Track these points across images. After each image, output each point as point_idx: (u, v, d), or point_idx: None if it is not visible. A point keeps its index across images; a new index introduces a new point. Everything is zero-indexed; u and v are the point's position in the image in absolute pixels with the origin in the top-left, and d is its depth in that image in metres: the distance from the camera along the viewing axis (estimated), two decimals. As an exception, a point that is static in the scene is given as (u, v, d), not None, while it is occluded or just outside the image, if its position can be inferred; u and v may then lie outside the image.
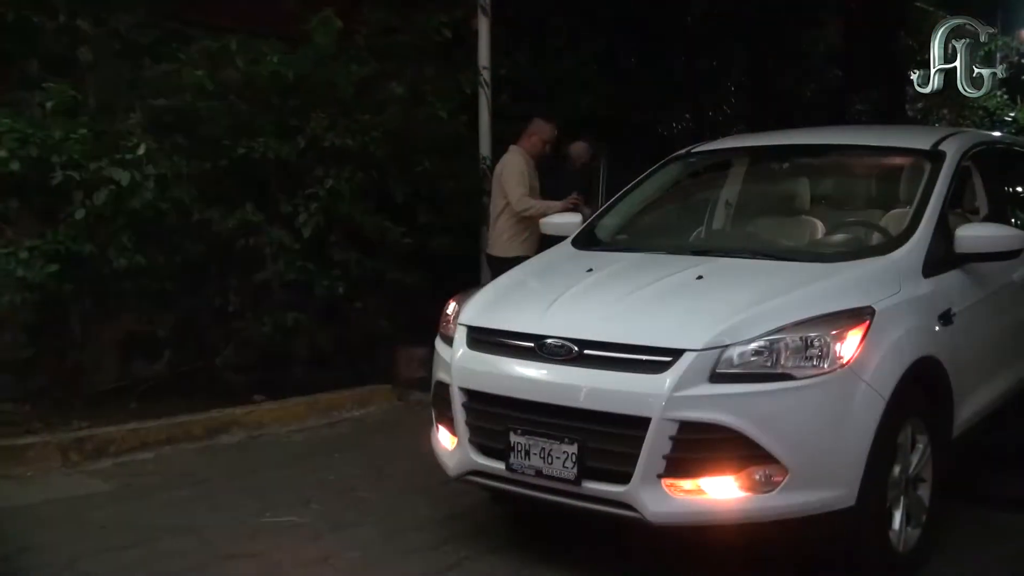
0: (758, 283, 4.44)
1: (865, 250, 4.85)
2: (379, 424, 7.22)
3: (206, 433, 6.59)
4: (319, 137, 7.22)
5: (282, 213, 7.17)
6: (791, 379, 3.94)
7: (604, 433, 4.04)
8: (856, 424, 4.00)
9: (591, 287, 4.63)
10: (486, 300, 4.82)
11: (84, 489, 5.62)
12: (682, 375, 3.93)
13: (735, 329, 4.01)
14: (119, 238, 6.38)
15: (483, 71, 8.64)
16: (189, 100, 7.08)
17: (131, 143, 6.44)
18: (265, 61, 7.16)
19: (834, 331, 4.01)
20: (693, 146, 6.39)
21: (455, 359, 4.55)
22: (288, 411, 7.11)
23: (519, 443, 4.24)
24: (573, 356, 4.18)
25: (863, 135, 6.50)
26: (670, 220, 6.11)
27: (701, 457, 3.93)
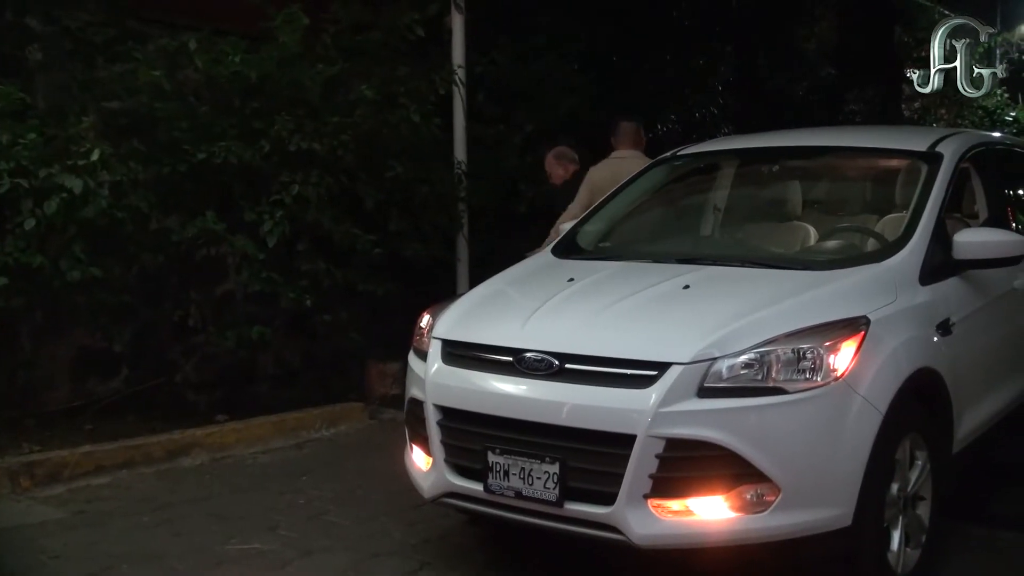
0: (748, 292, 4.45)
1: (859, 257, 4.88)
2: (350, 444, 7.20)
3: (166, 456, 6.55)
4: (284, 141, 7.21)
5: (246, 221, 7.15)
6: (783, 393, 3.95)
7: (587, 452, 4.04)
8: (852, 440, 4.01)
9: (572, 297, 4.63)
10: (461, 312, 4.82)
11: (36, 516, 5.57)
12: (668, 390, 3.93)
13: (724, 341, 4.02)
14: (72, 249, 6.34)
15: (458, 70, 8.66)
16: (146, 102, 7.05)
17: (84, 148, 6.40)
18: (226, 60, 7.15)
19: (828, 342, 4.03)
20: (679, 148, 6.42)
21: (429, 375, 4.55)
22: (253, 431, 7.07)
23: (497, 463, 4.23)
24: (554, 371, 4.18)
25: (857, 136, 6.55)
26: (655, 226, 6.12)
27: (689, 476, 3.93)
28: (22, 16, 7.03)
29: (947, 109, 15.66)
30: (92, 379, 7.40)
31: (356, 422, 7.65)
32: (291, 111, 7.34)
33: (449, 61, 8.70)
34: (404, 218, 8.13)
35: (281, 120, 7.22)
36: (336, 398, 7.79)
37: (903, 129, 8.86)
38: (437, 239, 8.49)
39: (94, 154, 6.35)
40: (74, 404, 7.14)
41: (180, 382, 7.51)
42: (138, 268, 7.14)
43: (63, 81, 7.15)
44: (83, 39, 7.25)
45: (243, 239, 7.08)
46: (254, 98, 7.39)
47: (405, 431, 4.86)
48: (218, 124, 7.20)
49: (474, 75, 9.08)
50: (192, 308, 7.46)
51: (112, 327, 7.27)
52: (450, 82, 8.53)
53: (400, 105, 7.88)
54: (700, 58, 14.16)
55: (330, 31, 7.90)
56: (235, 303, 7.69)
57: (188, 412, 7.22)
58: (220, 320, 7.44)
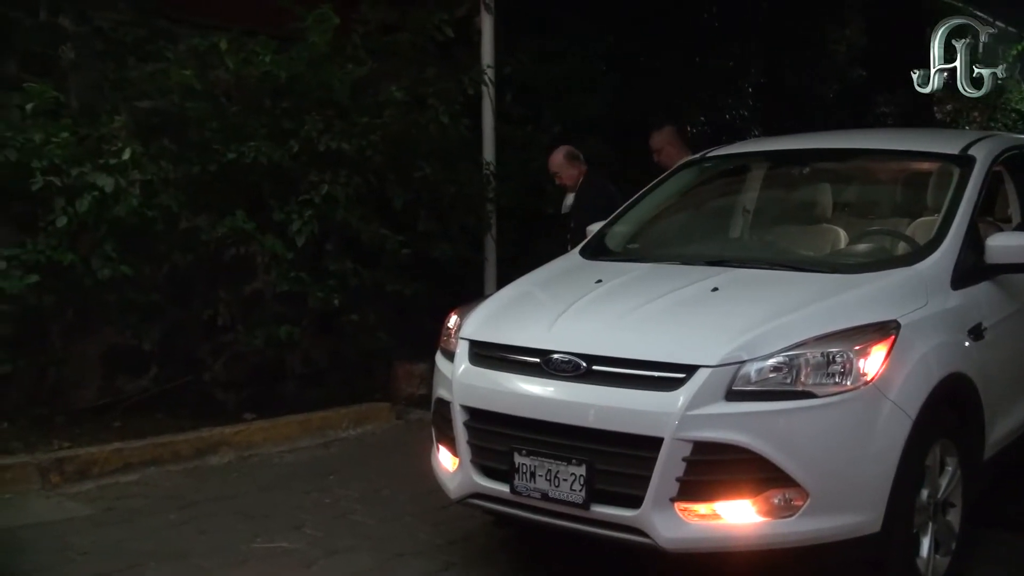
0: (777, 295, 4.43)
1: (890, 260, 4.84)
2: (376, 444, 7.21)
3: (194, 453, 6.58)
4: (314, 141, 7.23)
5: (275, 221, 7.17)
6: (812, 397, 3.92)
7: (614, 454, 4.03)
8: (881, 445, 3.98)
9: (600, 299, 4.62)
10: (489, 313, 4.82)
11: (65, 513, 5.61)
12: (696, 393, 3.92)
13: (752, 344, 4.00)
14: (103, 247, 6.39)
15: (487, 71, 8.66)
16: (176, 102, 7.09)
17: (115, 147, 6.45)
18: (257, 60, 7.17)
19: (857, 346, 4.00)
20: (708, 150, 6.39)
21: (456, 375, 4.55)
22: (280, 430, 7.09)
23: (524, 464, 4.23)
24: (581, 372, 4.17)
25: (888, 139, 6.50)
26: (684, 228, 6.09)
27: (716, 480, 3.92)
28: (55, 16, 7.08)
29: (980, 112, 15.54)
30: (121, 377, 7.44)
31: (383, 422, 7.65)
32: (320, 111, 7.36)
33: (478, 62, 8.70)
34: (432, 218, 8.14)
35: (310, 120, 7.24)
36: (363, 398, 7.80)
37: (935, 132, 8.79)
38: (465, 240, 8.50)
39: (125, 153, 6.40)
40: (103, 402, 7.18)
41: (208, 381, 7.54)
42: (168, 267, 7.17)
43: (95, 80, 7.19)
44: (114, 39, 7.29)
45: (272, 238, 7.10)
46: (284, 98, 7.41)
47: (432, 431, 4.86)
48: (248, 124, 7.22)
49: (502, 76, 9.08)
50: (221, 307, 7.48)
51: (142, 325, 7.31)
52: (479, 82, 8.54)
53: (429, 106, 7.89)
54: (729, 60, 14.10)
55: (359, 32, 7.92)
56: (263, 302, 7.70)
57: (216, 410, 7.25)
58: (248, 319, 7.46)
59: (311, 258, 7.36)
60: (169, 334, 7.55)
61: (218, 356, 7.51)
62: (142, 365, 7.53)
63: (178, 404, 7.27)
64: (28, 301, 6.25)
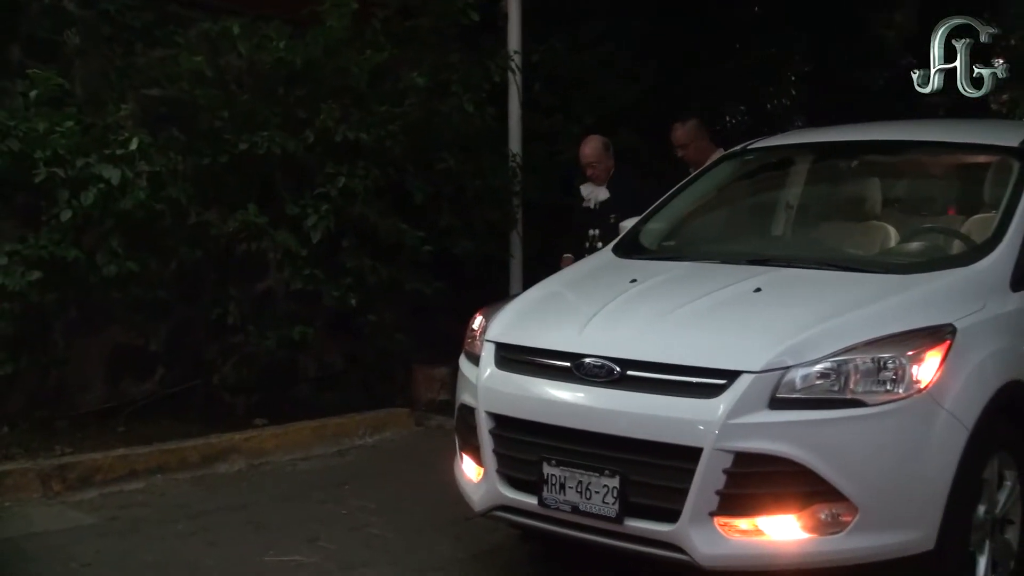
0: (824, 297, 4.42)
1: (944, 260, 4.82)
2: (395, 452, 7.23)
3: (202, 461, 6.61)
4: (330, 131, 7.24)
5: (288, 215, 7.19)
6: (861, 405, 3.91)
7: (649, 465, 4.03)
8: (935, 457, 3.96)
9: (635, 300, 4.61)
10: (516, 314, 4.83)
11: (67, 522, 5.64)
12: (738, 400, 3.91)
13: (798, 348, 3.99)
14: (108, 242, 6.41)
15: (514, 56, 8.65)
16: (186, 89, 7.12)
17: (122, 137, 6.47)
18: (270, 46, 7.19)
19: (910, 352, 3.98)
20: (749, 142, 6.36)
21: (481, 380, 4.56)
22: (293, 437, 7.11)
23: (553, 475, 4.22)
24: (614, 378, 4.17)
25: (941, 130, 6.45)
26: (724, 225, 6.09)
27: (759, 493, 3.91)
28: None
29: (1041, 103, 15.38)
30: (126, 379, 7.47)
31: (402, 429, 7.67)
32: (337, 99, 7.37)
33: (504, 47, 8.69)
34: (455, 213, 8.13)
35: (327, 109, 7.25)
36: (381, 403, 7.82)
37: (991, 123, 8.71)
38: (490, 236, 8.49)
39: (132, 143, 6.42)
40: (107, 405, 7.22)
41: (217, 384, 7.56)
42: (176, 263, 7.20)
43: (101, 67, 7.23)
44: (122, 23, 7.32)
45: (285, 234, 7.12)
46: (298, 86, 7.43)
47: (455, 439, 4.88)
48: (261, 113, 7.24)
49: (530, 63, 9.06)
50: (231, 306, 7.50)
51: (148, 325, 7.35)
52: (505, 69, 8.53)
53: (452, 94, 7.89)
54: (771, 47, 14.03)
55: (379, 15, 7.92)
56: (276, 301, 7.72)
57: (225, 415, 7.27)
58: (260, 319, 7.48)
59: (326, 255, 7.37)
60: (176, 334, 7.58)
61: (228, 358, 7.53)
62: (148, 367, 7.56)
63: (185, 408, 7.30)
64: (30, 299, 6.27)
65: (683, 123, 7.88)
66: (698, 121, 7.94)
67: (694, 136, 7.81)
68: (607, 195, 7.89)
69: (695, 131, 7.83)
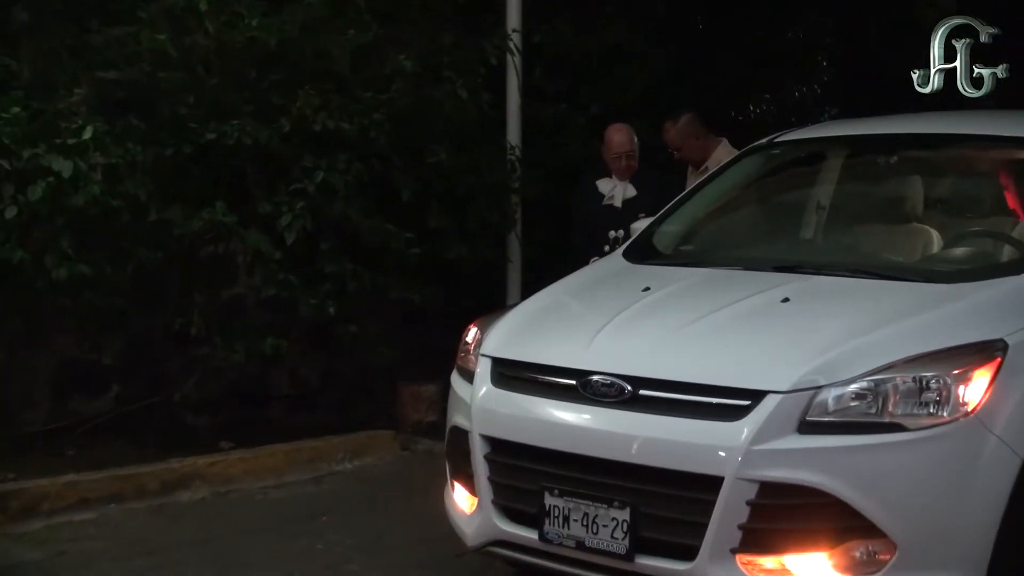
0: (859, 308, 4.42)
1: (994, 268, 4.83)
2: (378, 480, 7.23)
3: (161, 488, 6.61)
4: (307, 119, 7.25)
5: (260, 213, 7.20)
6: (901, 430, 3.91)
7: (664, 496, 4.03)
8: (984, 489, 3.94)
9: (648, 311, 4.62)
10: (515, 325, 4.83)
11: (9, 558, 5.64)
12: (763, 424, 3.91)
13: (831, 366, 3.99)
14: (58, 242, 6.41)
15: (512, 36, 8.66)
16: (147, 72, 7.12)
17: (75, 125, 6.48)
18: (242, 24, 7.19)
19: (956, 370, 3.97)
20: (777, 135, 6.38)
21: (476, 399, 4.56)
22: (263, 462, 7.11)
23: (556, 506, 4.22)
24: (625, 397, 4.18)
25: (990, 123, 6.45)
26: (747, 227, 6.10)
27: (787, 528, 3.91)
28: (5, -30, 7.13)
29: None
30: (77, 397, 7.44)
31: (385, 453, 7.67)
32: (316, 84, 7.38)
33: (503, 26, 8.70)
34: (446, 212, 8.14)
35: (304, 95, 7.26)
36: (362, 424, 7.81)
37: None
38: (485, 238, 8.50)
39: (86, 132, 6.42)
40: (55, 426, 7.19)
41: (179, 402, 7.55)
42: (134, 267, 7.18)
43: (52, 46, 7.22)
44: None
45: (257, 234, 7.12)
46: (273, 69, 7.43)
47: (445, 466, 4.87)
48: (230, 99, 7.25)
49: (532, 45, 9.07)
50: (195, 315, 7.48)
51: (102, 336, 7.33)
52: (503, 51, 8.54)
53: (444, 79, 7.90)
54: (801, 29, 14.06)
55: (363, -9, 7.93)
56: (245, 310, 7.71)
57: (188, 437, 7.26)
58: (227, 330, 7.47)
59: (302, 258, 7.38)
60: (134, 346, 7.56)
61: (191, 373, 7.52)
62: (101, 383, 7.54)
63: (143, 429, 7.28)
64: (-31, 306, 6.28)
65: (674, 122, 7.94)
66: (691, 116, 7.95)
67: (689, 134, 7.87)
68: (634, 192, 7.87)
69: (688, 128, 7.88)
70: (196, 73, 7.26)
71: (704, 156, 7.72)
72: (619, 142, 7.95)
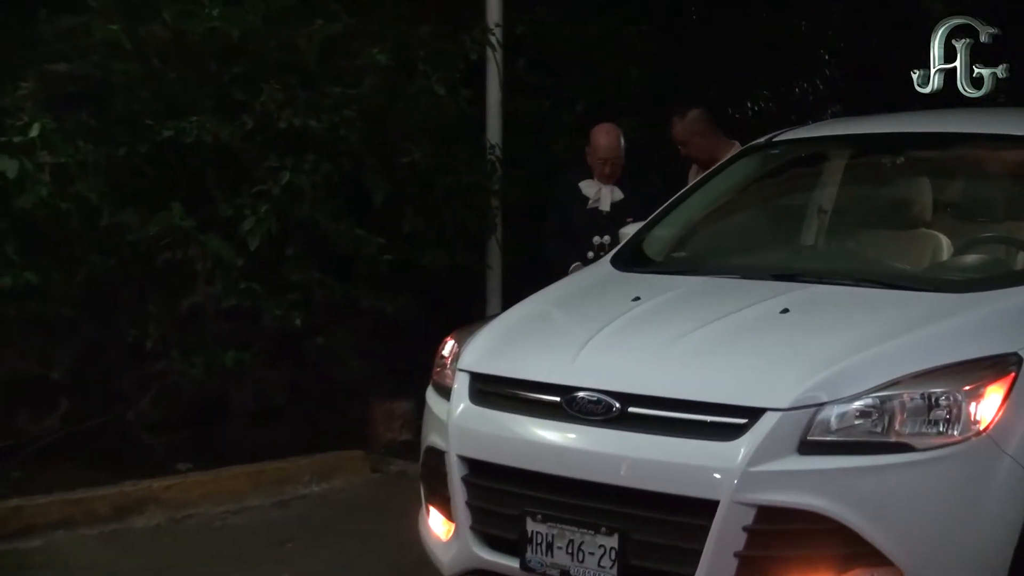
0: (863, 320, 4.44)
1: (1008, 276, 4.85)
2: (347, 503, 7.22)
3: (114, 513, 6.59)
4: (272, 116, 7.24)
5: (221, 217, 7.18)
6: (909, 451, 3.91)
7: (655, 521, 4.03)
8: (997, 512, 3.95)
9: (638, 322, 4.62)
10: (495, 338, 4.83)
11: (-52, 588, 5.62)
12: (761, 443, 3.91)
13: (833, 382, 3.99)
14: (2, 248, 6.40)
15: (494, 29, 8.67)
16: (99, 64, 7.10)
17: (21, 122, 6.46)
18: (201, 13, 7.19)
19: (967, 386, 3.98)
20: (776, 133, 6.40)
21: (453, 417, 4.55)
22: (224, 485, 7.11)
23: (539, 533, 4.22)
24: (613, 415, 4.17)
25: (1004, 121, 6.48)
26: (744, 232, 6.12)
27: (787, 555, 3.90)
28: (-55, -45, 7.12)
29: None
30: (23, 414, 7.42)
31: (355, 475, 7.66)
32: (281, 79, 7.36)
33: (483, 18, 8.71)
34: (422, 216, 8.13)
35: (268, 90, 7.25)
36: (331, 444, 7.81)
37: (1063, 113, 8.81)
38: (463, 243, 8.49)
39: (33, 129, 6.41)
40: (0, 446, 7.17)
41: (133, 420, 7.53)
42: (84, 274, 7.16)
43: (-4, 37, 7.21)
44: (22, -16, 7.33)
45: (217, 240, 7.11)
46: (235, 62, 7.43)
47: (420, 489, 4.86)
48: (189, 94, 7.24)
49: (514, 37, 9.09)
50: (151, 326, 7.48)
51: (50, 349, 7.30)
52: (483, 44, 8.55)
53: (420, 73, 7.90)
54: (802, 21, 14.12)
55: (333, -21, 7.94)
56: (205, 321, 7.69)
57: (143, 459, 7.24)
58: (186, 342, 7.46)
59: (267, 265, 7.37)
60: (84, 360, 7.54)
61: (146, 389, 7.50)
62: (50, 399, 7.51)
63: (94, 450, 7.26)
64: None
65: (682, 116, 7.90)
66: (701, 111, 7.94)
67: (697, 130, 7.84)
68: (622, 195, 7.87)
69: (697, 124, 7.86)
70: (152, 66, 7.26)
71: (710, 155, 7.71)
72: (606, 146, 7.90)
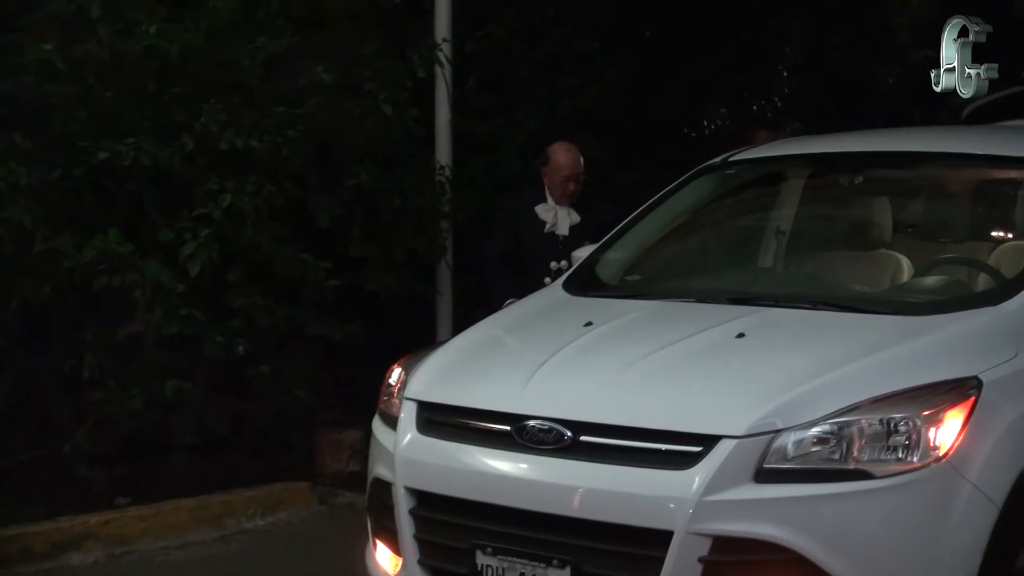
0: (821, 344, 4.47)
1: (968, 299, 4.89)
2: (293, 538, 7.20)
3: (50, 550, 6.55)
4: (213, 136, 7.22)
5: (161, 241, 7.15)
6: (868, 478, 3.94)
7: (608, 553, 4.04)
8: (958, 541, 3.99)
9: (590, 348, 4.64)
10: (444, 365, 4.84)
11: None
12: (716, 472, 3.93)
13: (790, 408, 4.02)
14: (-69, 275, 6.36)
15: (442, 45, 8.68)
16: (32, 85, 7.07)
17: (-51, 144, 6.43)
18: (139, 31, 7.17)
19: (927, 411, 4.02)
20: (732, 152, 6.43)
21: (400, 448, 4.55)
22: (164, 519, 7.07)
23: (489, 566, 4.23)
24: (565, 444, 4.18)
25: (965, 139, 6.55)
26: (699, 255, 6.16)
27: (743, 587, 3.91)
28: None
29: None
30: (-47, 447, 7.38)
31: (301, 508, 7.64)
32: (223, 98, 7.35)
33: (431, 35, 8.72)
34: (369, 240, 8.12)
35: (209, 110, 7.23)
36: (276, 476, 7.77)
37: None
38: (412, 268, 8.48)
39: (-37, 151, 6.37)
40: (-73, 480, 7.12)
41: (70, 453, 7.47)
42: (18, 302, 7.11)
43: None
44: (-49, 2, 7.30)
45: (156, 265, 7.08)
46: (174, 81, 7.40)
47: (367, 521, 4.85)
48: (126, 114, 7.21)
49: (464, 54, 9.11)
50: (87, 356, 7.43)
51: (-20, 379, 7.25)
52: (432, 62, 8.55)
53: (366, 92, 7.90)
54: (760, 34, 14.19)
55: (277, -5, 7.94)
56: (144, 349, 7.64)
57: (80, 493, 7.18)
58: (124, 372, 7.41)
59: (208, 291, 7.34)
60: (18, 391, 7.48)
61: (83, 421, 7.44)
62: (-19, 432, 7.47)
63: (29, 484, 7.21)
64: None
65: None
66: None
67: None
68: (579, 219, 7.85)
69: None
70: (88, 86, 7.21)
71: None
72: (568, 164, 7.83)
